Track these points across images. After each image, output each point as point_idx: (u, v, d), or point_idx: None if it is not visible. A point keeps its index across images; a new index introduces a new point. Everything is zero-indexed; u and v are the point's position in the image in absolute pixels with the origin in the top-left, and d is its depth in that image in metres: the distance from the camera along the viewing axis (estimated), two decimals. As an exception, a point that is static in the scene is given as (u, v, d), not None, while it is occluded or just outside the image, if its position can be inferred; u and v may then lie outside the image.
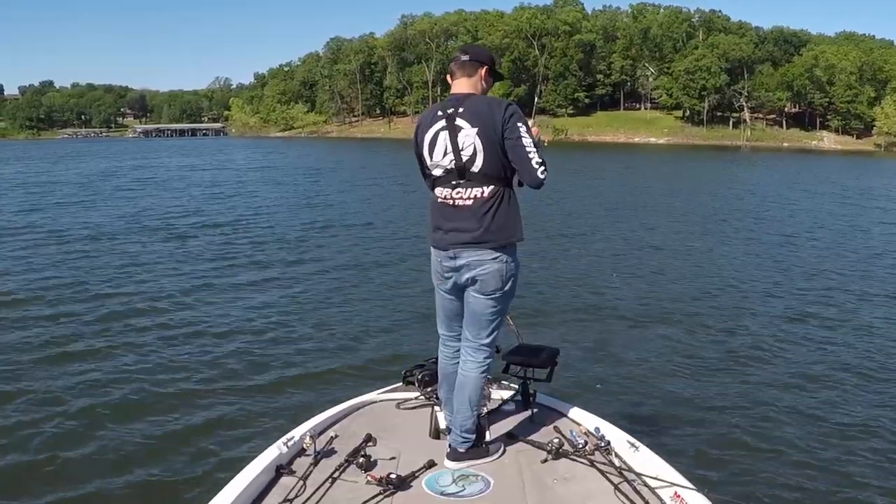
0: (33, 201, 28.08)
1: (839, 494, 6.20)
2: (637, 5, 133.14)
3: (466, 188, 3.86)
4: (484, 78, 4.02)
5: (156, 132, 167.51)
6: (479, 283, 3.93)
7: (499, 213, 3.84)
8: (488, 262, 3.88)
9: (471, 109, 3.82)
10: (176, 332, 10.50)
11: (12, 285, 13.27)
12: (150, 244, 18.07)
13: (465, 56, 4.01)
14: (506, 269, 3.90)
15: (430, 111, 4.05)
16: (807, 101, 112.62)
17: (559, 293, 13.25)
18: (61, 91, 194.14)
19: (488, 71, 4.03)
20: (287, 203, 28.26)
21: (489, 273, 3.89)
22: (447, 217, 3.94)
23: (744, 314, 11.94)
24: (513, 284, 3.98)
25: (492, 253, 3.86)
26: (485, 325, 4.02)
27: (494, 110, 3.79)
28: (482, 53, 4.09)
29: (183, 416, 7.55)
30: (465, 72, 3.99)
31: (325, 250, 17.62)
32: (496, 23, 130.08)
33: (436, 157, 3.91)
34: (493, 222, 3.84)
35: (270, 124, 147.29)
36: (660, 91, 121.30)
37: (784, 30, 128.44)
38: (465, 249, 3.89)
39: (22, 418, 7.44)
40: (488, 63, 4.04)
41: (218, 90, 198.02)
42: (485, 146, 3.77)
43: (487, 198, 3.84)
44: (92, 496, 6.02)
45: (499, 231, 3.85)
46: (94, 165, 55.19)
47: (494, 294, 3.94)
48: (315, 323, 11.12)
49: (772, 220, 24.89)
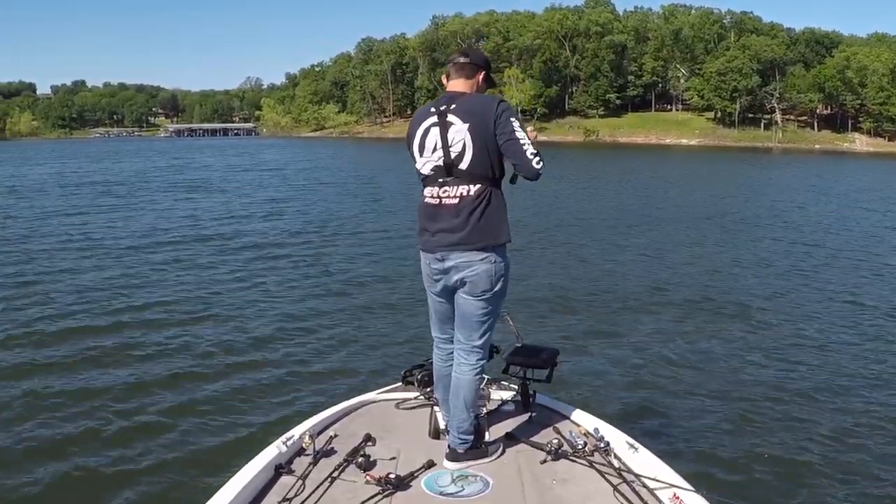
0: (99, 201, 28.49)
1: (840, 495, 6.20)
2: (668, 6, 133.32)
3: (453, 185, 3.84)
4: (480, 83, 4.01)
5: (187, 132, 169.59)
6: (468, 284, 3.92)
7: (485, 213, 3.82)
8: (476, 264, 3.85)
9: (463, 106, 3.81)
10: (176, 333, 10.47)
11: (89, 282, 13.61)
12: (134, 254, 17.64)
13: (464, 58, 3.99)
14: (495, 270, 3.87)
15: (424, 108, 4.04)
16: (838, 102, 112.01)
17: (560, 293, 13.15)
18: (93, 90, 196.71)
19: (485, 76, 4.03)
20: (288, 204, 28.16)
21: (478, 274, 3.87)
22: (434, 218, 3.93)
23: (746, 317, 11.79)
24: (503, 285, 3.96)
25: (480, 254, 3.84)
26: (476, 327, 4.00)
27: (487, 107, 3.78)
28: (481, 57, 4.08)
29: (183, 416, 7.54)
30: (463, 73, 3.97)
31: (327, 250, 17.64)
32: (527, 23, 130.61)
33: (426, 154, 3.90)
34: (479, 222, 3.81)
35: (302, 124, 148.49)
36: (691, 92, 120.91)
37: (816, 31, 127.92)
38: (452, 251, 3.88)
39: (24, 416, 7.51)
40: (486, 68, 4.03)
41: (249, 90, 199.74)
42: (475, 142, 3.76)
43: (474, 197, 3.81)
44: (92, 495, 6.03)
45: (485, 231, 3.83)
46: (148, 163, 55.91)
47: (484, 295, 3.92)
48: (315, 323, 11.09)
49: (783, 219, 24.65)
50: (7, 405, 7.73)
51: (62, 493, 6.06)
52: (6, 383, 8.34)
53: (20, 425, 7.26)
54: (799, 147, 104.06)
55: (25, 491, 6.04)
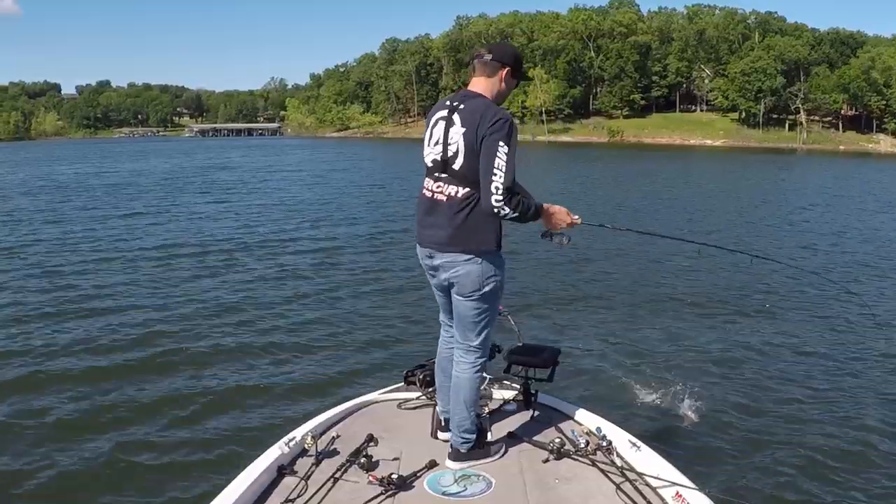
0: (149, 201, 28.82)
1: (840, 494, 6.19)
2: (693, 6, 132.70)
3: (446, 184, 3.81)
4: (504, 79, 3.89)
5: (212, 132, 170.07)
6: (455, 285, 3.90)
7: (470, 217, 3.75)
8: (461, 265, 3.82)
9: (469, 108, 3.74)
10: (175, 332, 10.49)
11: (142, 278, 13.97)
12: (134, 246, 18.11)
13: (488, 55, 3.88)
14: (481, 271, 3.82)
15: (442, 99, 3.98)
16: (863, 103, 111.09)
17: (561, 293, 13.20)
18: (118, 90, 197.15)
19: (511, 72, 3.91)
20: (291, 205, 28.08)
21: (462, 275, 3.84)
22: (427, 212, 3.91)
23: (747, 315, 11.85)
24: (494, 287, 3.89)
25: (463, 255, 3.80)
26: (471, 328, 3.96)
27: (485, 116, 3.66)
28: (507, 54, 3.93)
29: (185, 416, 7.58)
30: (485, 71, 3.87)
31: (329, 251, 17.65)
32: (552, 24, 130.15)
33: (430, 145, 3.87)
34: (462, 225, 3.77)
35: (326, 125, 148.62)
36: (715, 93, 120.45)
37: (840, 31, 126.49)
38: (438, 250, 3.88)
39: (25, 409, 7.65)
40: (511, 64, 3.90)
41: (273, 90, 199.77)
42: (466, 147, 3.69)
43: (461, 199, 3.76)
44: (93, 496, 6.06)
45: (468, 235, 3.77)
46: (185, 161, 56.87)
47: (472, 296, 3.87)
48: (316, 323, 11.11)
49: (789, 221, 24.26)
50: (7, 404, 7.84)
51: (63, 493, 6.09)
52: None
53: (20, 425, 7.31)
54: (823, 148, 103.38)
55: (26, 491, 6.06)
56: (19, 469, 6.42)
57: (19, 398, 8.01)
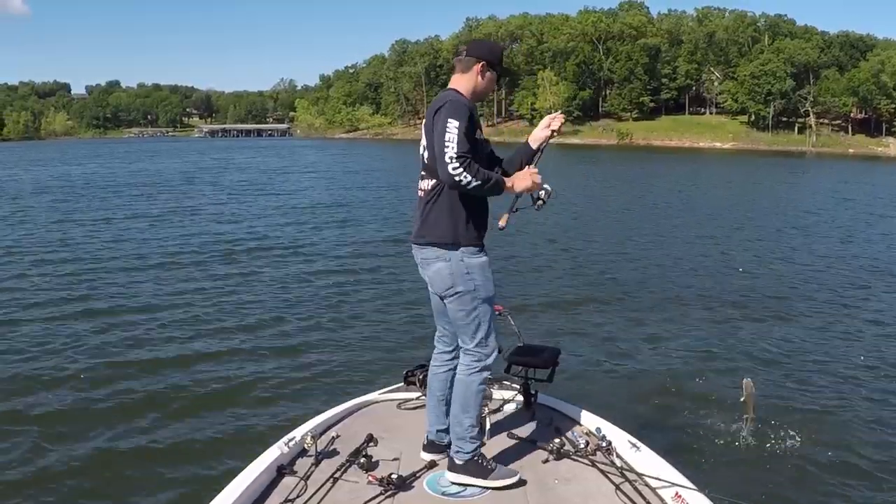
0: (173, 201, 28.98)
1: (841, 494, 6.19)
2: (702, 9, 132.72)
3: (424, 180, 3.83)
4: (480, 73, 3.84)
5: (222, 132, 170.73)
6: (430, 283, 3.89)
7: (434, 208, 3.74)
8: (432, 262, 3.79)
9: (432, 105, 3.76)
10: (175, 333, 10.48)
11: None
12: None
13: (463, 52, 3.90)
14: (452, 269, 3.75)
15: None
16: (872, 106, 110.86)
17: (562, 293, 13.22)
18: (128, 91, 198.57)
19: (486, 66, 3.85)
20: (298, 207, 28.04)
21: (434, 272, 3.80)
22: (416, 210, 3.93)
23: (749, 316, 11.82)
24: (470, 286, 3.77)
25: (434, 251, 3.77)
26: (462, 329, 3.86)
27: (438, 103, 3.70)
28: (480, 49, 3.91)
29: (185, 416, 7.56)
30: (461, 67, 3.87)
31: (328, 251, 17.76)
32: (561, 26, 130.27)
33: (421, 145, 3.89)
34: (427, 217, 3.77)
35: (335, 126, 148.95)
36: (725, 96, 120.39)
37: (850, 34, 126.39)
38: (414, 244, 3.89)
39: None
40: (486, 58, 3.86)
41: (283, 91, 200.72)
42: (427, 138, 3.73)
43: (428, 190, 3.77)
44: (92, 496, 6.07)
45: (431, 229, 3.76)
46: (200, 161, 57.09)
47: (448, 294, 3.80)
48: (316, 323, 11.08)
49: (794, 224, 24.13)
50: (7, 404, 7.84)
51: (63, 493, 6.08)
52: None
53: (20, 425, 7.31)
54: (833, 151, 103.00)
55: (26, 491, 6.05)
56: (19, 469, 6.42)
57: (20, 398, 8.01)
